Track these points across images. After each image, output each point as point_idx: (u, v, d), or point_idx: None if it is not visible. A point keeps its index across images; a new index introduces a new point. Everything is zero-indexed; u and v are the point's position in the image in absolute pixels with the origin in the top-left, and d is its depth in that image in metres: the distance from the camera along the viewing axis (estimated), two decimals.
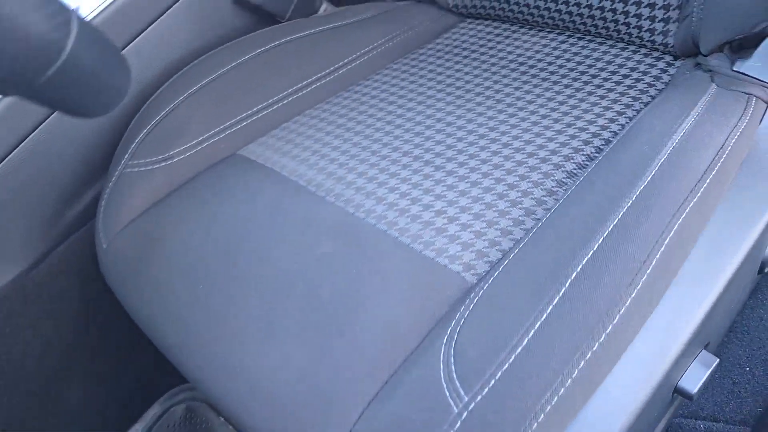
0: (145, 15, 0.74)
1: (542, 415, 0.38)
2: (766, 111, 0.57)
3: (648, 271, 0.41)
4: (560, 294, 0.41)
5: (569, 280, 0.41)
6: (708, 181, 0.47)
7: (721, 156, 0.49)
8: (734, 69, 0.59)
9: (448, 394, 0.40)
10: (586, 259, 0.42)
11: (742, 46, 0.61)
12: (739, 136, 0.51)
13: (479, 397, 0.39)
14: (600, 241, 0.42)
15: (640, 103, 0.64)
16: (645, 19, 0.67)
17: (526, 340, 0.40)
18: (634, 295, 0.40)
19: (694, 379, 0.49)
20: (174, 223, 0.63)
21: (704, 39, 0.63)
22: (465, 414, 0.39)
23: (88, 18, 0.70)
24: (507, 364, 0.40)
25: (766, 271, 0.60)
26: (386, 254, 0.52)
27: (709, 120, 0.52)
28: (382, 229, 0.55)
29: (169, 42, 0.76)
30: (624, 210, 0.44)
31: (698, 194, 0.46)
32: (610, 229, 0.43)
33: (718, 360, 0.51)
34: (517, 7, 0.77)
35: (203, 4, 0.78)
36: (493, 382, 0.39)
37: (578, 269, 0.41)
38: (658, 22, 0.66)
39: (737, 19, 0.58)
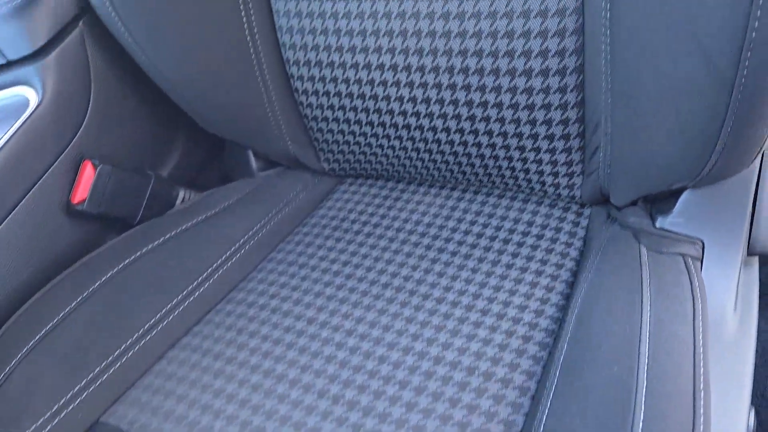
0: None
1: None
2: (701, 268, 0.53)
3: None
4: None
5: None
6: (702, 404, 0.39)
7: (699, 362, 0.42)
8: (658, 226, 0.54)
9: None
10: None
11: (658, 198, 0.56)
12: (703, 324, 0.45)
13: None
14: None
15: (566, 270, 0.57)
16: (548, 175, 0.61)
17: None
18: None
19: None
20: None
21: (615, 194, 0.58)
22: None
23: None
24: None
25: None
26: None
27: (666, 316, 0.45)
28: None
29: None
30: None
31: (701, 426, 0.38)
32: None
33: None
34: (403, 168, 0.69)
35: (29, 220, 0.63)
36: None
37: None
38: (563, 177, 0.61)
39: (647, 178, 0.53)
